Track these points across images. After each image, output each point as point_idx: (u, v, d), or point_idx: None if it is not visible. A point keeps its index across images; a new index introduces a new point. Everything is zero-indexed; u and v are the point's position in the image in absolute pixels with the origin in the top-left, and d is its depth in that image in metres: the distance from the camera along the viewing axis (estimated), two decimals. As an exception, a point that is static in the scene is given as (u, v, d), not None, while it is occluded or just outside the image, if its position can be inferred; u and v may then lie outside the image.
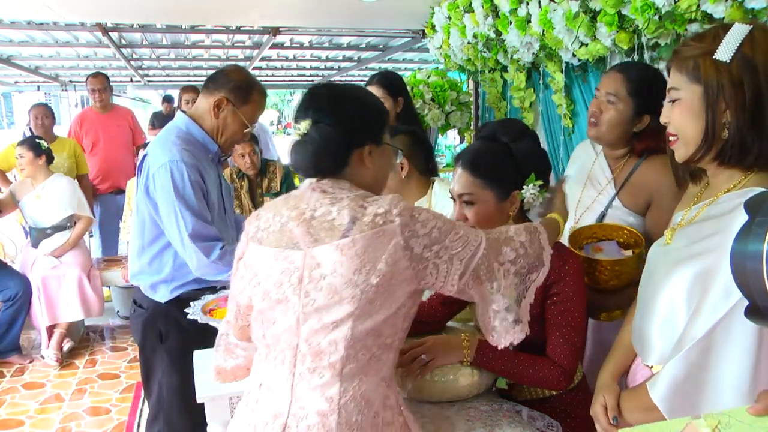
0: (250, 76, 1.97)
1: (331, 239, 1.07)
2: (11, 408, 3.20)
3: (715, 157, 1.11)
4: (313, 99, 1.18)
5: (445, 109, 3.59)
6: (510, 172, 1.45)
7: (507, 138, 1.46)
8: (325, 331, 1.08)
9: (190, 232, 1.78)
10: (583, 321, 1.43)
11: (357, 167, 1.17)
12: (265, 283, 1.14)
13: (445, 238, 1.10)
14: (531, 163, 1.45)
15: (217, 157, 1.99)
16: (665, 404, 1.07)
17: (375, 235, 1.05)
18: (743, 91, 1.04)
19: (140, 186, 1.88)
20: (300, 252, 1.10)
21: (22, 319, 3.72)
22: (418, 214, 1.09)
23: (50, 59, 6.15)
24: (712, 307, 1.01)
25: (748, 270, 0.81)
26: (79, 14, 4.00)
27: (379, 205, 1.08)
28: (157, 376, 2.01)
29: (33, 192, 3.81)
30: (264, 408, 1.14)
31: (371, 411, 1.11)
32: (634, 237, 1.65)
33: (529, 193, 1.44)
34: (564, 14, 2.22)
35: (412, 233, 1.07)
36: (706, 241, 1.08)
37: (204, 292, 1.95)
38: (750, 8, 1.63)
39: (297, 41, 5.60)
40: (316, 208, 1.11)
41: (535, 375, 1.40)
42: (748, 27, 1.04)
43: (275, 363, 1.14)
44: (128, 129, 5.03)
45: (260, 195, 3.95)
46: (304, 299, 1.08)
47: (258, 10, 3.80)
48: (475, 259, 1.12)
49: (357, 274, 1.05)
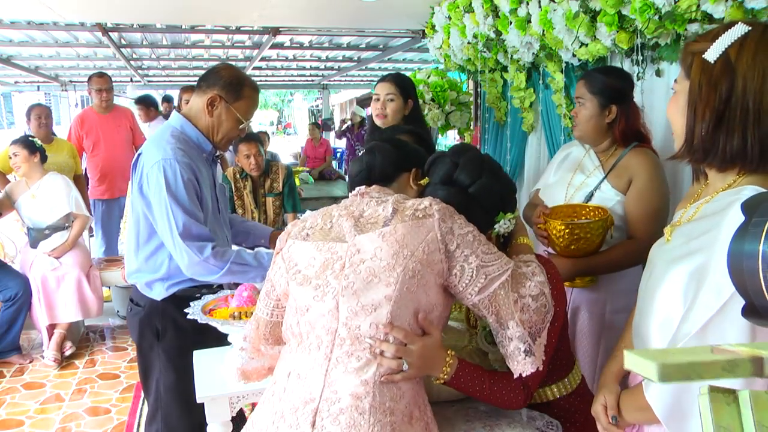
0: (241, 72, 1.99)
1: (374, 228, 1.16)
2: (11, 408, 3.20)
3: (687, 155, 1.13)
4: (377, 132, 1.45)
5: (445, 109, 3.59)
6: (476, 219, 1.30)
7: (466, 180, 1.35)
8: (364, 313, 1.12)
9: (181, 230, 1.78)
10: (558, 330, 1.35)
11: (403, 185, 1.40)
12: (305, 270, 1.20)
13: (478, 248, 1.16)
14: (495, 202, 1.37)
15: (211, 156, 2.00)
16: (658, 404, 1.07)
17: (415, 225, 1.14)
18: (716, 93, 1.05)
19: (134, 184, 1.88)
20: (344, 244, 1.17)
21: (22, 319, 3.72)
22: (458, 218, 1.19)
23: (50, 59, 6.16)
24: (704, 304, 1.01)
25: (745, 270, 0.81)
26: (79, 14, 4.00)
27: (420, 200, 1.20)
28: (154, 375, 2.01)
29: (28, 192, 3.79)
30: (293, 395, 1.15)
31: (404, 400, 1.13)
32: (600, 212, 1.87)
33: (502, 229, 1.39)
34: (564, 14, 2.22)
35: (448, 230, 1.15)
36: (700, 240, 1.09)
37: (200, 289, 1.95)
38: (750, 8, 1.63)
39: (297, 41, 5.60)
40: (365, 210, 1.22)
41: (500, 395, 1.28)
42: (746, 29, 1.04)
43: (309, 349, 1.17)
44: (129, 129, 5.03)
45: (262, 195, 3.95)
46: (344, 282, 1.13)
47: (258, 10, 3.80)
48: (499, 281, 1.16)
49: (395, 257, 1.12)
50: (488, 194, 1.36)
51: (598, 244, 1.84)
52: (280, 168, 4.03)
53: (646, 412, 1.12)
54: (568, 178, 2.07)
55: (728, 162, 1.08)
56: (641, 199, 1.87)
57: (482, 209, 1.35)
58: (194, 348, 1.85)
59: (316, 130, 8.69)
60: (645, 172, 1.87)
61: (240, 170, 3.91)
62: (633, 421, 1.25)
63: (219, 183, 2.07)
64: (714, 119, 1.06)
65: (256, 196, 3.94)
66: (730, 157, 1.07)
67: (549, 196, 2.10)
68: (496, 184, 1.38)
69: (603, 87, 1.89)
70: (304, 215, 1.33)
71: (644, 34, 1.95)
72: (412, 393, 1.16)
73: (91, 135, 4.87)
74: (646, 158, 1.89)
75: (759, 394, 0.64)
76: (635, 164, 1.90)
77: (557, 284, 1.37)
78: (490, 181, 1.37)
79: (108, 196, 4.90)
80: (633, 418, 1.24)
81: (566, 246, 1.84)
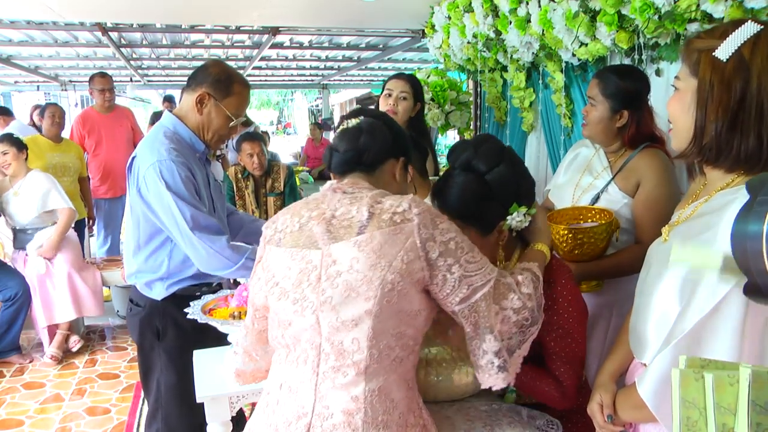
0: (230, 68, 1.96)
1: (348, 236, 1.08)
2: (11, 408, 3.20)
3: (697, 155, 1.11)
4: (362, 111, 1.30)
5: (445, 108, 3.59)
6: (490, 207, 1.36)
7: (483, 166, 1.37)
8: (346, 329, 1.07)
9: (190, 223, 1.77)
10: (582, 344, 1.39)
11: (386, 175, 1.26)
12: (283, 283, 1.15)
13: (461, 256, 1.09)
14: (510, 192, 1.37)
15: (204, 156, 1.99)
16: (652, 400, 1.07)
17: (392, 232, 1.06)
18: (730, 93, 1.03)
19: (131, 187, 1.88)
20: (318, 251, 1.11)
21: (22, 319, 3.71)
22: (440, 222, 1.10)
23: (50, 59, 6.16)
24: (699, 304, 1.02)
25: (749, 249, 0.82)
26: (78, 14, 4.00)
27: (398, 202, 1.10)
28: (155, 374, 2.01)
29: (11, 189, 3.74)
30: (286, 408, 1.14)
31: (397, 411, 1.11)
32: (606, 215, 1.82)
33: (515, 222, 1.38)
34: (564, 14, 2.22)
35: (429, 237, 1.07)
36: (698, 239, 1.08)
37: (200, 287, 1.95)
38: (750, 8, 1.63)
39: (297, 41, 5.60)
40: (337, 208, 1.13)
41: (538, 389, 1.38)
42: (758, 27, 1.02)
43: (297, 362, 1.14)
44: (130, 129, 5.04)
45: (264, 195, 3.95)
46: (321, 297, 1.08)
47: (258, 10, 3.80)
48: (481, 291, 1.10)
49: (373, 270, 1.05)
50: (504, 183, 1.36)
51: (602, 248, 1.81)
52: (281, 168, 4.04)
53: (641, 410, 1.12)
54: (576, 179, 2.03)
55: (741, 163, 1.06)
56: (649, 202, 1.81)
57: (497, 198, 1.36)
58: (195, 347, 1.85)
59: (318, 131, 8.69)
60: (654, 175, 1.80)
61: (242, 170, 3.91)
62: (628, 419, 1.25)
63: (214, 182, 2.06)
64: (728, 119, 1.03)
65: (258, 195, 3.94)
66: (744, 157, 1.05)
67: (558, 198, 2.09)
68: (513, 174, 1.38)
69: (616, 90, 1.83)
70: (275, 215, 1.25)
71: (644, 33, 1.95)
72: (406, 401, 1.14)
73: (93, 135, 4.87)
74: (655, 160, 1.82)
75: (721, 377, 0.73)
76: (644, 166, 1.84)
77: (572, 290, 1.37)
78: (508, 171, 1.37)
79: (111, 195, 4.92)
80: (628, 416, 1.24)
81: (570, 250, 1.80)
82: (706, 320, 1.00)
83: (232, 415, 1.68)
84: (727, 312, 0.99)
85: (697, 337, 1.02)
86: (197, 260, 1.82)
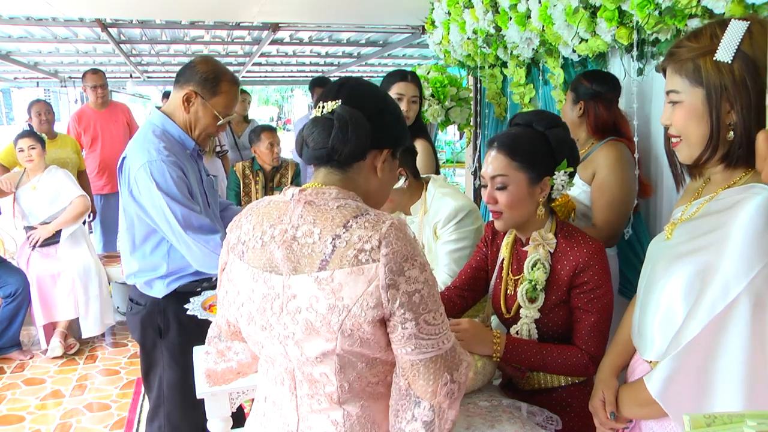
0: (219, 66, 1.92)
1: (310, 269, 1.00)
2: (12, 404, 3.21)
3: (722, 159, 1.10)
4: (348, 86, 1.10)
5: (445, 104, 3.58)
6: (544, 157, 1.48)
7: (542, 126, 1.50)
8: (312, 363, 1.03)
9: (182, 222, 1.77)
10: (611, 308, 1.47)
11: (367, 170, 1.11)
12: (248, 305, 1.09)
13: (422, 315, 0.99)
14: (564, 150, 1.49)
15: (195, 152, 1.98)
16: (663, 399, 1.07)
17: (355, 272, 0.96)
18: (748, 91, 1.02)
19: (123, 188, 1.87)
20: (279, 277, 1.03)
21: (22, 315, 3.72)
22: (409, 268, 0.98)
23: (49, 55, 6.14)
24: (710, 303, 1.01)
25: None
26: (77, 10, 3.99)
27: (369, 235, 0.97)
28: (157, 372, 2.01)
29: (29, 183, 3.78)
30: (272, 422, 1.13)
31: (381, 430, 1.09)
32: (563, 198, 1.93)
33: (559, 180, 1.48)
34: (564, 10, 2.22)
35: (393, 284, 0.96)
36: (706, 237, 1.08)
37: (201, 284, 1.95)
38: (750, 3, 1.63)
39: (297, 37, 5.59)
40: (298, 226, 1.02)
41: (564, 364, 1.45)
42: (745, 23, 1.02)
43: (275, 382, 1.12)
44: (125, 124, 5.05)
45: (271, 189, 3.96)
46: (284, 331, 1.03)
47: (257, 6, 3.79)
48: (429, 355, 1.00)
49: (331, 311, 0.98)
50: (561, 141, 1.49)
51: None
52: (290, 164, 4.05)
53: (646, 407, 1.12)
54: None
55: None
56: (601, 189, 2.07)
57: (550, 153, 1.48)
58: (197, 344, 1.85)
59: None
60: (607, 163, 2.06)
61: (250, 165, 3.90)
62: (631, 416, 1.25)
63: (206, 177, 2.05)
64: (754, 117, 1.02)
65: (267, 191, 3.94)
66: None
67: None
68: (568, 137, 1.53)
69: (576, 84, 2.18)
70: (237, 217, 1.16)
71: (644, 29, 1.95)
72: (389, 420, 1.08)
73: (89, 131, 4.89)
74: (612, 151, 2.07)
75: None
76: (600, 157, 2.09)
77: (605, 267, 1.47)
78: (565, 133, 1.52)
79: (108, 191, 4.93)
80: (632, 413, 1.24)
81: None
82: (717, 320, 1.00)
83: (232, 411, 1.69)
84: (738, 312, 0.99)
85: (707, 338, 1.01)
86: (192, 260, 1.82)
